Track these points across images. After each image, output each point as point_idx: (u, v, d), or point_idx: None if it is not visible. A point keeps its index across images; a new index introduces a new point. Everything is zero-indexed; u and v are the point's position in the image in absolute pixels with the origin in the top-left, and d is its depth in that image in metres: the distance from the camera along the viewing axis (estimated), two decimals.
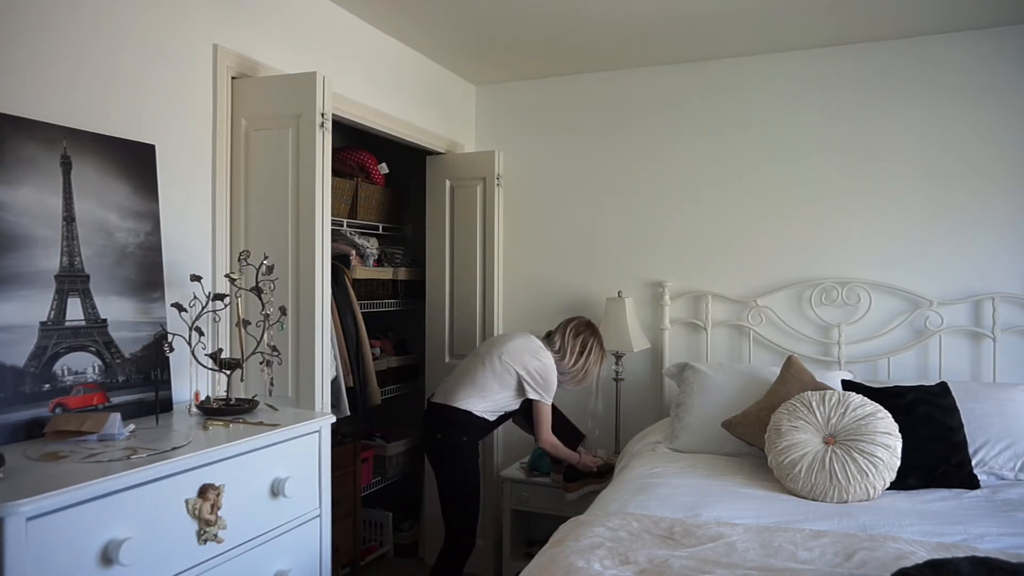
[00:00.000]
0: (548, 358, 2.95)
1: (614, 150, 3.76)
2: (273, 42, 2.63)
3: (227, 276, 2.25)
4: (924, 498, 2.34)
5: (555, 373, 2.95)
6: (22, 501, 1.31)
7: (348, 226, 3.66)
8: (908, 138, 3.25)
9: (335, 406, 3.01)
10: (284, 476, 1.94)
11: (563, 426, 3.23)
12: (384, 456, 3.73)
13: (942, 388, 2.65)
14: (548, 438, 3.01)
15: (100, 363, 1.94)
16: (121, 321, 2.01)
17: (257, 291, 2.14)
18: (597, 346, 3.07)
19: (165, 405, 2.09)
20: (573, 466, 3.17)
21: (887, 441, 2.37)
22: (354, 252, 3.58)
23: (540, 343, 3.00)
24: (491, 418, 2.91)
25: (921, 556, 1.75)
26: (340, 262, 3.39)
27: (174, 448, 1.68)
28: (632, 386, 3.65)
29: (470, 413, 2.84)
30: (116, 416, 1.76)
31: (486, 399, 2.86)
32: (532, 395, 2.90)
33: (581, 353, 3.02)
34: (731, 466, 2.67)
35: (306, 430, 2.05)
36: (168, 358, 2.11)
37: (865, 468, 2.32)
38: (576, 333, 3.04)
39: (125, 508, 1.51)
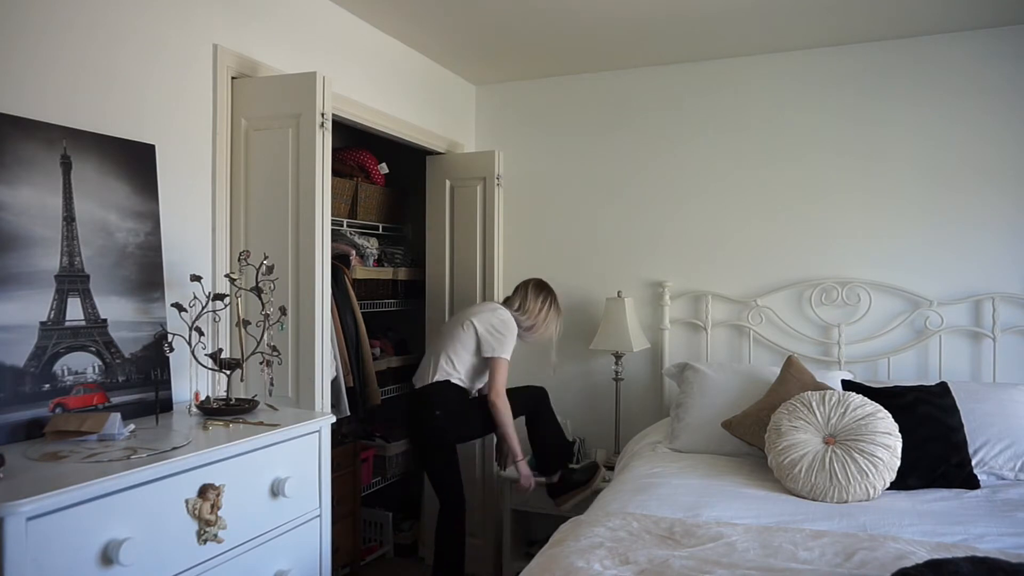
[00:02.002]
0: (506, 314, 3.08)
1: (614, 150, 3.76)
2: (273, 42, 2.63)
3: (227, 276, 2.25)
4: (924, 498, 2.34)
5: (514, 329, 3.06)
6: (22, 501, 1.31)
7: (348, 226, 3.66)
8: (908, 138, 3.25)
9: (335, 406, 3.01)
10: (284, 476, 1.94)
11: (554, 435, 3.21)
12: (384, 456, 3.73)
13: (942, 388, 2.65)
14: (498, 397, 2.97)
15: (100, 363, 1.94)
16: (121, 321, 2.01)
17: (257, 291, 2.14)
18: (554, 303, 3.22)
19: (165, 405, 2.09)
20: (556, 484, 3.16)
21: (887, 441, 2.36)
22: (354, 252, 3.58)
23: (500, 305, 3.15)
24: (466, 384, 3.01)
25: (921, 556, 1.75)
26: (340, 262, 3.39)
27: (174, 448, 1.68)
28: (632, 386, 3.65)
29: (447, 382, 2.96)
30: (116, 416, 1.76)
31: (457, 365, 2.99)
32: (487, 352, 2.98)
33: (541, 308, 3.17)
34: (731, 466, 2.67)
35: (306, 430, 2.05)
36: (168, 358, 2.11)
37: (865, 468, 2.32)
38: (536, 291, 3.20)
39: (125, 508, 1.51)
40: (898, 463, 2.37)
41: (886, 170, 3.28)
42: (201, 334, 2.10)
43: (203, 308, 2.11)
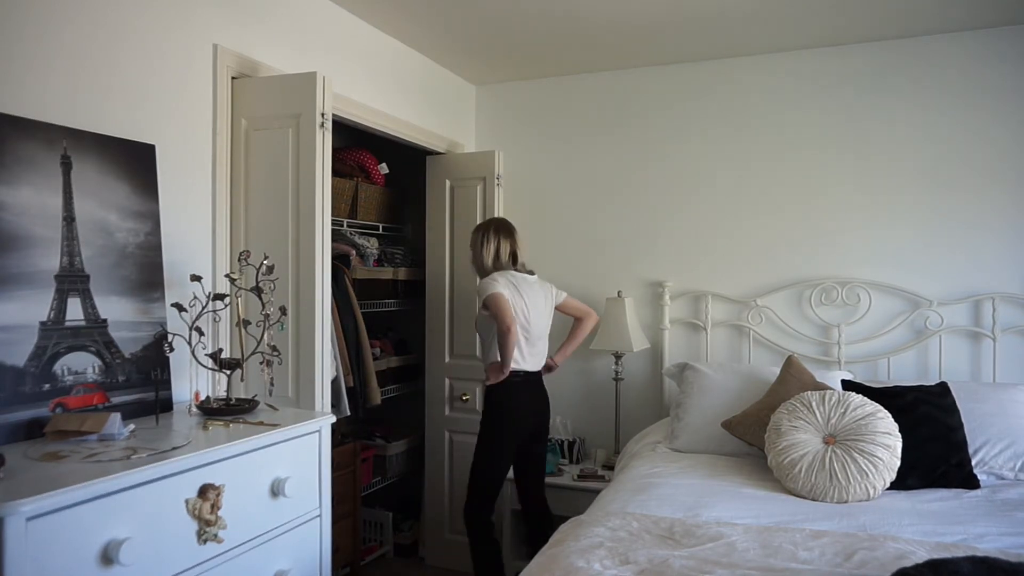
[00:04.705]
0: (481, 280, 2.96)
1: (614, 150, 3.76)
2: (273, 42, 2.63)
3: (227, 276, 2.25)
4: (924, 498, 2.34)
5: (490, 280, 2.90)
6: (22, 501, 1.31)
7: (348, 226, 3.66)
8: (908, 138, 3.25)
9: (335, 406, 3.01)
10: (284, 476, 1.94)
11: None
12: (384, 456, 3.73)
13: (942, 388, 2.65)
14: (512, 323, 2.80)
15: (100, 363, 1.94)
16: (121, 321, 2.01)
17: (257, 291, 2.14)
18: (483, 237, 3.01)
19: (165, 405, 2.09)
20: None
21: (887, 441, 2.36)
22: (354, 252, 3.58)
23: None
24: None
25: (921, 556, 1.75)
26: (340, 262, 3.39)
27: (174, 448, 1.68)
28: (632, 386, 3.65)
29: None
30: (116, 416, 1.76)
31: (488, 354, 2.94)
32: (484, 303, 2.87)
33: (474, 243, 3.04)
34: (731, 466, 2.67)
35: (306, 430, 2.05)
36: (168, 358, 2.11)
37: (865, 468, 2.32)
38: (472, 243, 3.05)
39: (125, 508, 1.51)
40: (898, 463, 2.37)
41: (886, 170, 3.28)
42: (201, 334, 2.10)
43: (203, 308, 2.11)
